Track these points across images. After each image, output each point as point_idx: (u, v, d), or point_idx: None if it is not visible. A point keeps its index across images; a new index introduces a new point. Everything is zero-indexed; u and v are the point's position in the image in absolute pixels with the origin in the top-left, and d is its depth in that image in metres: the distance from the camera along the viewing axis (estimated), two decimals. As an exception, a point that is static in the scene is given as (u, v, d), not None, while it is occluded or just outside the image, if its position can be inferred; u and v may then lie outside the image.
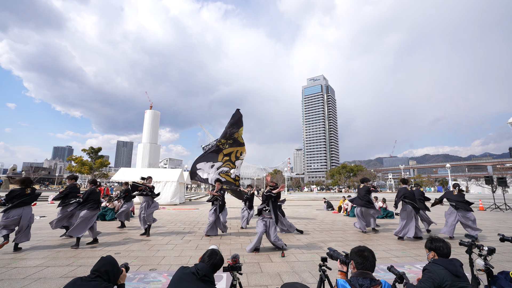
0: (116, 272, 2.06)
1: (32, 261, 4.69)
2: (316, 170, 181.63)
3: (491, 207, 16.17)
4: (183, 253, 5.40)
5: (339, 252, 2.29)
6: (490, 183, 19.41)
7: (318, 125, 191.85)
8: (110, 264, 2.05)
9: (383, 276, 3.93)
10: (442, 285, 2.09)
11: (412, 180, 61.70)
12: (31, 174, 53.49)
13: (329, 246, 6.11)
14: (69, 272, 4.12)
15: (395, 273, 2.50)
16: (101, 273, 1.95)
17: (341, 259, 2.17)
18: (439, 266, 2.22)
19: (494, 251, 2.58)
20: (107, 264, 2.03)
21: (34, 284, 3.62)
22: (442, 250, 2.38)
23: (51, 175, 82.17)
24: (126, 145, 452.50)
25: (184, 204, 20.05)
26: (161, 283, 3.70)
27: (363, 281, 1.87)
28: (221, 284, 3.75)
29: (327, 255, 2.38)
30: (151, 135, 28.29)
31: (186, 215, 12.08)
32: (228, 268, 2.27)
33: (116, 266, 2.09)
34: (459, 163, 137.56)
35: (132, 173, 19.83)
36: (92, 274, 1.95)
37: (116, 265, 2.09)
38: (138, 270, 4.26)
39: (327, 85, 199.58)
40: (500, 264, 4.66)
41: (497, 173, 64.80)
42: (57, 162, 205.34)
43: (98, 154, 46.83)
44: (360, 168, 74.08)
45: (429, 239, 2.55)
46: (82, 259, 4.85)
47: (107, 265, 2.02)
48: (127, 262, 2.21)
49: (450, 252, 2.40)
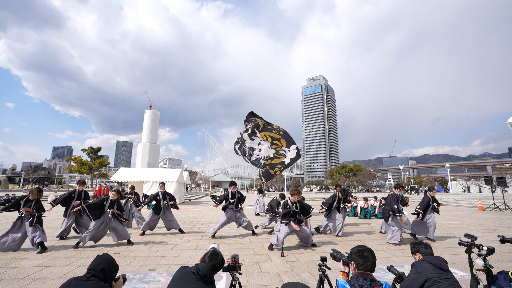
0: (113, 270, 2.05)
1: (31, 261, 4.68)
2: (315, 170, 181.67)
3: (490, 207, 16.19)
4: (183, 253, 5.40)
5: (342, 253, 2.31)
6: (489, 183, 19.43)
7: (317, 125, 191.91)
8: (106, 262, 2.03)
9: (383, 276, 3.93)
10: (428, 277, 2.32)
11: (412, 181, 61.72)
12: (31, 174, 53.41)
13: (328, 246, 6.12)
14: (68, 272, 4.12)
15: (395, 273, 2.52)
16: (97, 271, 1.94)
17: (344, 260, 2.18)
18: (424, 262, 2.49)
19: (493, 251, 2.58)
20: (103, 261, 2.02)
21: (33, 284, 3.61)
22: (425, 250, 2.66)
23: (51, 175, 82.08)
24: (126, 145, 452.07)
25: (184, 204, 20.04)
26: (161, 283, 3.70)
27: (363, 282, 1.87)
28: (221, 284, 3.75)
29: (330, 256, 2.39)
30: (151, 135, 28.27)
31: (185, 215, 12.07)
32: (228, 268, 2.26)
33: (112, 263, 2.07)
34: (458, 163, 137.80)
35: (131, 173, 19.82)
36: (88, 273, 1.94)
37: (113, 262, 2.08)
38: (137, 270, 4.26)
39: (326, 85, 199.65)
40: (499, 264, 4.67)
41: (497, 173, 65.00)
42: (56, 162, 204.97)
43: (98, 154, 46.80)
44: (360, 168, 74.03)
45: (411, 244, 2.87)
46: (82, 259, 4.84)
47: (103, 262, 2.01)
48: (125, 274, 2.22)
49: (432, 251, 2.68)
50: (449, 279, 2.30)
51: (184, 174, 22.39)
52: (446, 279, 2.29)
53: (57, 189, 52.67)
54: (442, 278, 2.29)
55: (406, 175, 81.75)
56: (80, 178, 24.46)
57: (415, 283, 2.35)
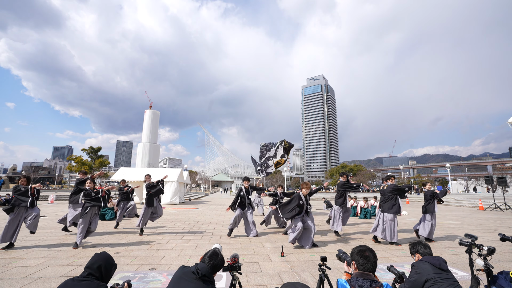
0: (109, 268, 2.05)
1: (32, 260, 4.69)
2: (315, 170, 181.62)
3: (491, 207, 16.17)
4: (183, 252, 5.40)
5: (347, 254, 2.30)
6: (490, 182, 19.41)
7: (317, 125, 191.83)
8: (103, 259, 2.04)
9: (383, 276, 3.93)
10: (428, 278, 2.31)
11: (412, 180, 61.65)
12: (31, 173, 53.48)
13: (329, 245, 6.12)
14: (69, 271, 4.12)
15: (395, 273, 2.51)
16: (93, 269, 1.94)
17: (348, 261, 2.18)
18: (424, 262, 2.48)
19: (494, 251, 2.57)
20: (100, 259, 2.02)
21: (34, 283, 3.62)
22: (424, 250, 2.65)
23: (51, 175, 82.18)
24: (126, 145, 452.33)
25: (184, 203, 20.05)
26: (161, 282, 3.70)
27: (363, 282, 1.85)
28: (221, 283, 3.75)
29: (336, 256, 2.39)
30: (151, 134, 28.28)
31: (185, 215, 12.08)
32: (228, 267, 2.26)
33: (110, 261, 2.07)
34: (459, 163, 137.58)
35: (131, 173, 19.83)
36: (84, 271, 1.94)
37: (110, 260, 2.08)
38: (137, 269, 4.26)
39: (326, 85, 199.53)
40: (500, 264, 4.66)
41: (497, 172, 64.86)
42: (57, 162, 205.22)
43: (98, 153, 46.79)
44: (360, 168, 74.03)
45: (409, 245, 2.85)
46: (82, 258, 4.85)
47: (100, 260, 2.02)
48: (130, 280, 2.22)
49: (431, 251, 2.66)
50: (449, 279, 2.29)
51: (184, 174, 22.39)
52: (446, 279, 2.28)
53: (58, 188, 52.73)
54: (442, 279, 2.28)
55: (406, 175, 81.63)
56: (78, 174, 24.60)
57: (416, 284, 2.34)
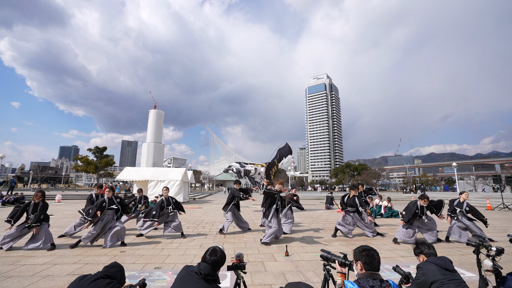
0: (120, 278, 2.08)
1: (40, 258, 4.78)
2: (320, 169, 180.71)
3: (499, 207, 15.87)
4: (188, 251, 5.44)
5: (334, 253, 2.22)
6: (498, 182, 19.05)
7: (321, 124, 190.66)
8: (120, 269, 2.10)
9: (388, 276, 3.89)
10: (435, 280, 2.26)
11: (417, 180, 60.87)
12: (39, 173, 54.49)
13: (333, 245, 6.08)
14: (76, 269, 4.19)
15: (401, 273, 2.47)
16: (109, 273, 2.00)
17: (340, 261, 2.09)
18: (430, 263, 2.43)
19: (502, 252, 2.52)
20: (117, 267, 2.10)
21: (42, 281, 3.69)
22: (428, 251, 2.61)
23: (58, 174, 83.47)
24: (131, 145, 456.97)
25: (188, 203, 20.17)
26: (166, 281, 3.74)
27: (373, 282, 1.81)
28: (225, 283, 3.76)
29: (321, 257, 2.29)
30: (155, 134, 28.52)
31: (190, 214, 12.14)
32: (232, 267, 2.27)
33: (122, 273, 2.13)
34: (466, 162, 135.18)
35: (136, 172, 20.04)
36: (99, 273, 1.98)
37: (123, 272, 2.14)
38: (143, 268, 4.31)
39: (330, 84, 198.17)
40: (509, 265, 4.57)
41: (506, 172, 63.50)
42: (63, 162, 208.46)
43: (103, 153, 47.39)
44: (364, 167, 73.28)
45: (413, 245, 2.80)
46: (89, 257, 4.92)
47: (117, 267, 2.09)
48: (145, 279, 2.24)
49: (436, 251, 2.62)
50: (456, 280, 2.24)
51: (189, 173, 22.53)
52: (453, 280, 2.23)
53: (64, 188, 53.60)
54: (449, 280, 2.22)
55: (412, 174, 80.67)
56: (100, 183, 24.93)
57: (422, 286, 2.30)
